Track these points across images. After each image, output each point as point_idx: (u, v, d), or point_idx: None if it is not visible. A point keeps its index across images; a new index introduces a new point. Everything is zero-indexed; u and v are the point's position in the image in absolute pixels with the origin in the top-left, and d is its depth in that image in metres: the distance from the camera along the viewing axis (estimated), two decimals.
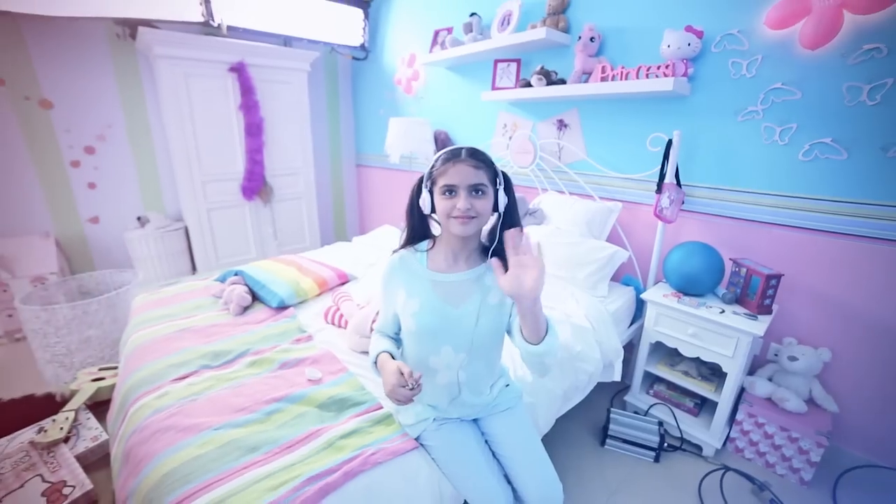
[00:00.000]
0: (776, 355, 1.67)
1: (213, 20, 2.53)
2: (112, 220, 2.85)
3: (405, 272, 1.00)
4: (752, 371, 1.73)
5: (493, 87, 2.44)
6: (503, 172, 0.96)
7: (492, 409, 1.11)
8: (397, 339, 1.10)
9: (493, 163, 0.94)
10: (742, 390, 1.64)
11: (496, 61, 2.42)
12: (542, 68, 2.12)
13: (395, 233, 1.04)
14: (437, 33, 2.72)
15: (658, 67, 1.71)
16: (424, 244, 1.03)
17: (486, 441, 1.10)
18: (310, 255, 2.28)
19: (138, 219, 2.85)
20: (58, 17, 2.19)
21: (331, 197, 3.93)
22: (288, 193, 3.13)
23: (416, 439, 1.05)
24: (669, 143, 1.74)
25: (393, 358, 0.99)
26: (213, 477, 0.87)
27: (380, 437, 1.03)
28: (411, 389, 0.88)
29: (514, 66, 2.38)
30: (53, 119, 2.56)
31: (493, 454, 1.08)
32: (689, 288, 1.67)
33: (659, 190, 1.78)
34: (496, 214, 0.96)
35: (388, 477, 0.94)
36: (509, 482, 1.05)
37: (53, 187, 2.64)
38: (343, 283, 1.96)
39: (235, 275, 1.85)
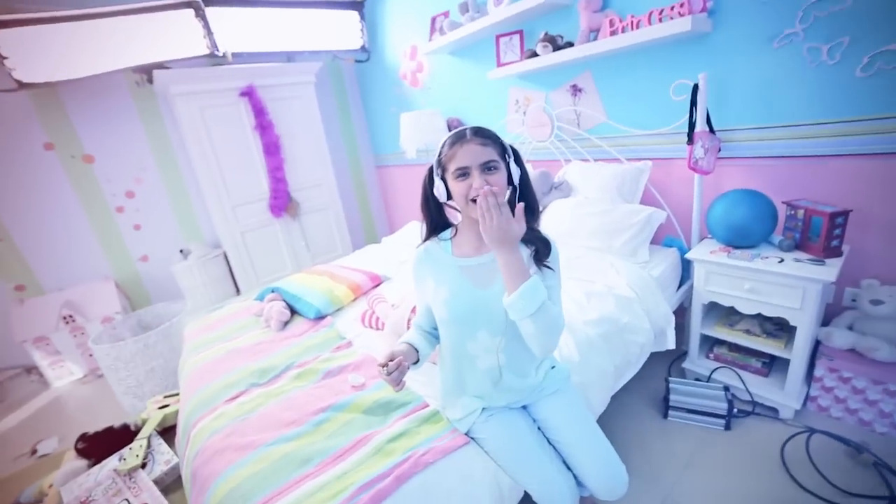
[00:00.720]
0: (854, 301, 1.50)
1: (217, 50, 2.60)
2: (159, 256, 3.03)
3: (431, 263, 0.99)
4: (826, 321, 1.57)
5: (499, 64, 2.35)
6: (511, 146, 0.94)
7: (539, 393, 1.07)
8: (434, 334, 1.09)
9: (499, 138, 0.92)
10: (818, 343, 1.49)
11: (498, 37, 2.33)
12: (547, 34, 2.01)
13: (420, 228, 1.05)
14: (434, 20, 2.65)
15: (672, 8, 1.56)
16: (447, 233, 1.02)
17: (539, 428, 1.06)
18: (341, 263, 2.31)
19: (181, 251, 3.01)
20: (85, 78, 2.35)
21: (356, 202, 3.97)
22: (314, 205, 3.19)
23: (467, 434, 1.03)
24: (696, 88, 1.60)
25: (417, 350, 1.01)
26: (270, 493, 0.89)
27: (428, 437, 1.02)
28: (388, 374, 0.88)
29: (516, 38, 2.28)
30: (96, 172, 2.76)
31: (548, 441, 1.04)
32: (739, 240, 1.53)
33: (690, 141, 1.64)
34: (511, 188, 0.94)
35: (442, 476, 0.92)
36: (569, 469, 1.01)
37: (105, 234, 2.84)
38: (377, 285, 1.97)
39: (272, 292, 1.90)
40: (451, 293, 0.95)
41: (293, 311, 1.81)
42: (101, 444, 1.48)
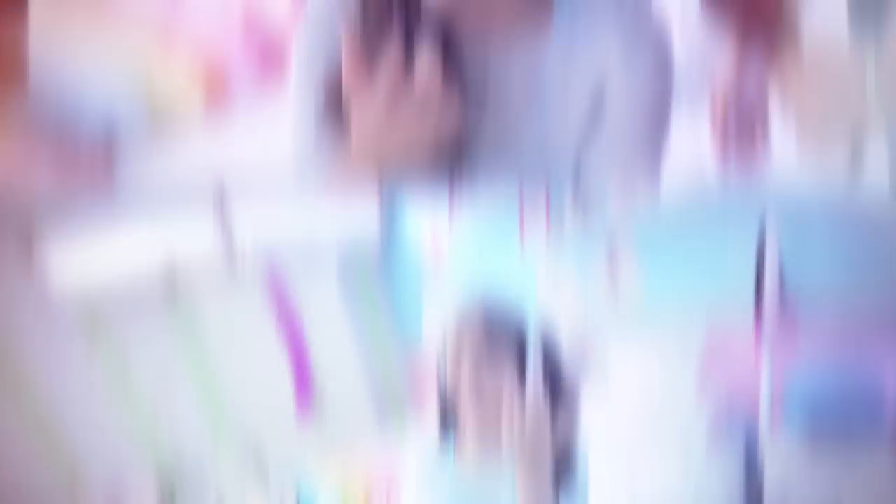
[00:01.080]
0: None
1: (234, 245, 2.98)
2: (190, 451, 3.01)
3: (427, 473, 0.87)
4: None
5: (522, 243, 2.42)
6: (539, 331, 0.85)
7: None
8: None
9: (511, 326, 0.81)
10: None
11: (521, 199, 2.47)
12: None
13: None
14: (451, 192, 2.93)
15: None
16: (452, 432, 0.91)
17: None
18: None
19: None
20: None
21: (385, 396, 3.86)
22: (341, 400, 3.17)
23: None
24: (762, 241, 1.43)
25: None
26: None
27: None
28: None
29: (542, 198, 2.40)
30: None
31: None
32: (833, 434, 1.19)
33: (757, 315, 1.43)
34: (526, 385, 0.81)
35: None
36: None
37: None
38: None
39: None
40: None
41: None
42: None
